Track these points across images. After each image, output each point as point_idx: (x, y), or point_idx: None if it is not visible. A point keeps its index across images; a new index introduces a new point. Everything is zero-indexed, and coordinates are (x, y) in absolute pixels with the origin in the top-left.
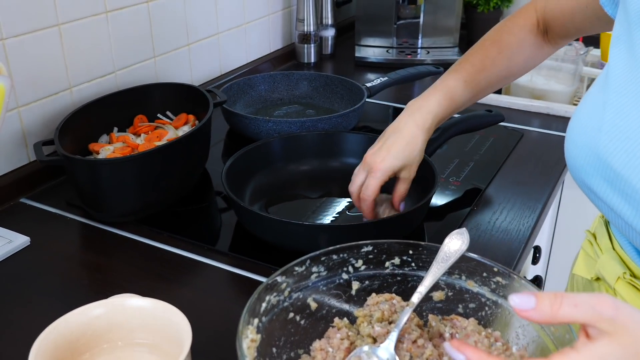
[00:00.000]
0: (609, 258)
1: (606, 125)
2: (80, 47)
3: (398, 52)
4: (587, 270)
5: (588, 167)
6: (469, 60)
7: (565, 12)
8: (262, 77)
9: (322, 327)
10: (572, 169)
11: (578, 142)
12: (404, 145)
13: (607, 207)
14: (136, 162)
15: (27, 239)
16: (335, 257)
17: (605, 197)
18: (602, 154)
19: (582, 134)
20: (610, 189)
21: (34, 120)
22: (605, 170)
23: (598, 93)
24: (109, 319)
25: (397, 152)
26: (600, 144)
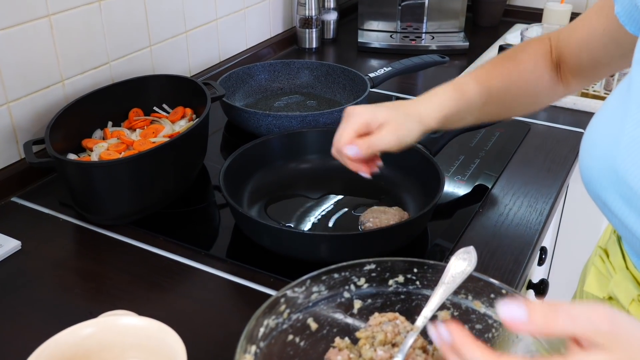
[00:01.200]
0: (622, 278)
1: (625, 139)
2: (73, 38)
3: (402, 38)
4: (600, 289)
5: (604, 181)
6: (481, 67)
7: (579, 41)
8: (262, 66)
9: (322, 347)
10: (587, 181)
11: (594, 154)
12: (392, 106)
13: (621, 224)
14: (130, 164)
15: (18, 243)
16: (336, 276)
17: (620, 213)
18: (619, 169)
19: (599, 146)
20: (625, 206)
21: (25, 115)
22: (621, 186)
23: (618, 104)
24: (100, 339)
25: (382, 107)
26: (618, 158)
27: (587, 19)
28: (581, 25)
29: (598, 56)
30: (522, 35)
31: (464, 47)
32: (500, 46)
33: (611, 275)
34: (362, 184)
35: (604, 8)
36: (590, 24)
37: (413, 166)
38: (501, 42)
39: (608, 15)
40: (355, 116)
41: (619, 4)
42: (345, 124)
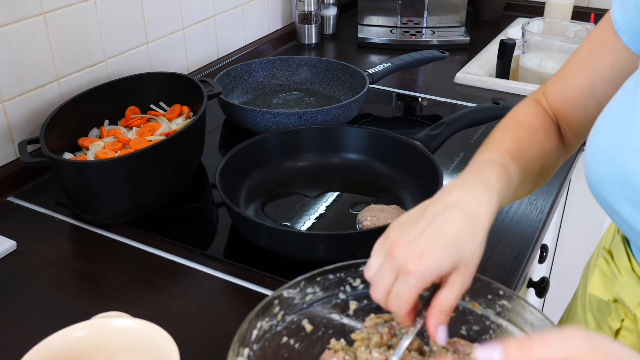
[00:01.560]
0: (629, 280)
1: (634, 143)
2: (68, 35)
3: (402, 33)
4: (605, 291)
5: (611, 185)
6: (500, 140)
7: (582, 89)
8: (260, 62)
9: (317, 349)
10: (593, 185)
11: (601, 157)
12: (458, 231)
13: (629, 229)
14: (125, 163)
15: (14, 244)
16: (331, 277)
17: (629, 218)
18: (628, 174)
19: (606, 149)
20: (635, 211)
21: (21, 114)
22: (631, 191)
23: (625, 104)
24: (93, 341)
25: (447, 244)
26: (627, 163)
27: (582, 64)
28: (578, 72)
29: (607, 97)
30: (523, 30)
31: (464, 42)
32: (501, 41)
33: (616, 277)
34: (360, 181)
35: (605, 44)
36: (590, 66)
37: (411, 163)
38: (502, 37)
39: (613, 51)
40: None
41: (627, 34)
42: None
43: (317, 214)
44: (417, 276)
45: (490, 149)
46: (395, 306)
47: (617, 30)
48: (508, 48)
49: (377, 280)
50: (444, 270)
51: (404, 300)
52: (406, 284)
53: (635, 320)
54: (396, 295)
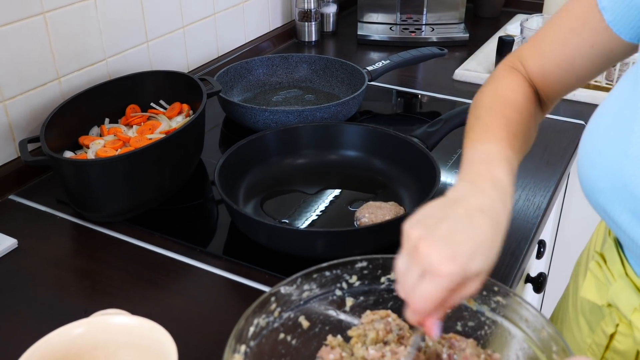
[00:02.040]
0: (623, 285)
1: (634, 150)
2: (68, 34)
3: (402, 30)
4: (598, 296)
5: (609, 193)
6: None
7: (560, 63)
8: (259, 60)
9: (314, 345)
10: (588, 190)
11: (598, 164)
12: (486, 238)
13: (627, 237)
14: (125, 161)
15: (15, 242)
16: (328, 274)
17: (627, 227)
18: (628, 183)
19: (604, 156)
20: (635, 221)
21: (21, 113)
22: (630, 200)
23: (624, 109)
24: (92, 338)
25: (477, 249)
26: (627, 172)
27: (563, 41)
28: (558, 49)
29: (585, 74)
30: (522, 26)
31: (464, 39)
32: (500, 37)
33: (610, 282)
34: (359, 178)
35: (587, 23)
36: (572, 44)
37: (409, 160)
38: (501, 33)
39: (595, 30)
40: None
41: (611, 13)
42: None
43: (316, 211)
44: (449, 278)
45: (488, 138)
46: (421, 306)
47: (601, 9)
48: (507, 44)
49: (404, 279)
50: (471, 274)
51: (430, 300)
52: (434, 284)
53: (630, 325)
54: (422, 295)
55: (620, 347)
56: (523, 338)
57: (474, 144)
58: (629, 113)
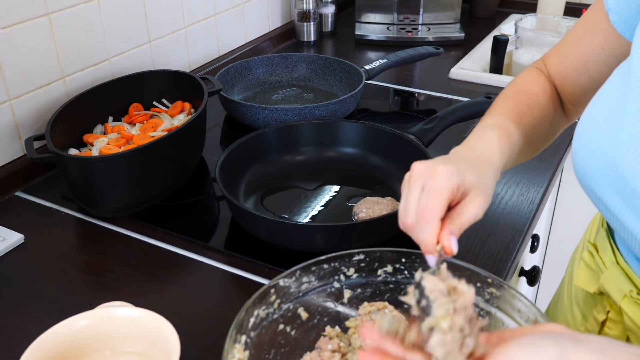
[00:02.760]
0: (614, 273)
1: (624, 135)
2: (72, 35)
3: (399, 30)
4: (590, 284)
5: (600, 177)
6: (501, 107)
7: (575, 66)
8: (259, 60)
9: (313, 336)
10: (581, 176)
11: (590, 148)
12: (474, 158)
13: (617, 221)
14: (128, 158)
15: (21, 237)
16: (326, 266)
17: (616, 211)
18: (618, 167)
19: (596, 140)
20: (623, 203)
21: (27, 112)
22: (619, 183)
23: (615, 94)
24: (96, 329)
25: (465, 161)
26: (617, 155)
27: (577, 42)
28: (572, 50)
29: (599, 76)
30: (516, 26)
31: (459, 38)
32: (495, 37)
33: (601, 270)
34: (356, 174)
35: (598, 25)
36: (584, 45)
37: (406, 157)
38: (496, 33)
39: (605, 31)
40: (442, 181)
41: (615, 13)
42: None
43: (315, 207)
44: (445, 178)
45: (492, 116)
46: (425, 217)
47: (607, 10)
48: (501, 44)
49: (407, 205)
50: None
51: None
52: (432, 191)
53: (620, 312)
54: (424, 207)
55: (611, 333)
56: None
57: (480, 122)
58: (620, 101)
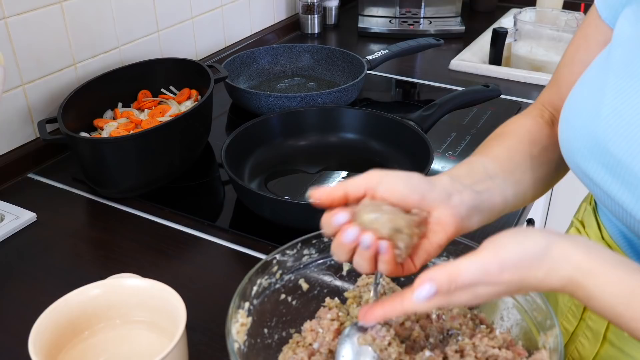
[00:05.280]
0: None
1: (605, 110)
2: (84, 23)
3: (401, 23)
4: None
5: (585, 151)
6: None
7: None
8: (264, 50)
9: (313, 307)
10: (566, 152)
11: (575, 125)
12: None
13: (603, 194)
14: (137, 140)
15: (34, 215)
16: (326, 240)
17: (602, 183)
18: (601, 140)
19: (579, 117)
20: (609, 175)
21: (39, 96)
22: (604, 156)
23: (597, 74)
24: (107, 299)
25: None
26: (599, 129)
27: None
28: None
29: None
30: (515, 19)
31: (460, 31)
32: (494, 29)
33: None
34: (357, 159)
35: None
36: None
37: (405, 142)
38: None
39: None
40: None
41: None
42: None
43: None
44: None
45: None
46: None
47: (598, 9)
48: (500, 36)
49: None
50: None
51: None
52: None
53: None
54: None
55: None
56: (512, 303)
57: None
58: (601, 79)
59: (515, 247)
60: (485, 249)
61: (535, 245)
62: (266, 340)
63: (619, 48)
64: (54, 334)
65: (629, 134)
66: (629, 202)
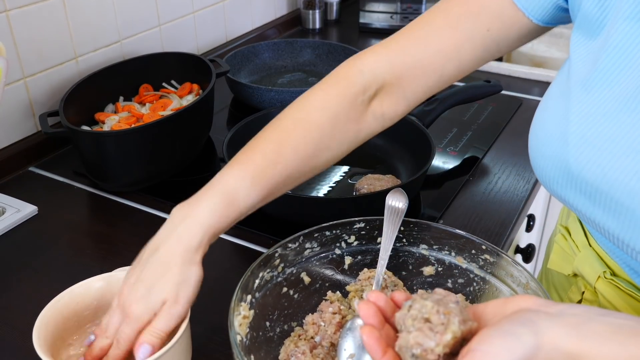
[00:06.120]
0: (586, 255)
1: (572, 137)
2: (85, 16)
3: (402, 18)
4: (564, 266)
5: (560, 180)
6: (261, 148)
7: (445, 51)
8: (266, 45)
9: (315, 300)
10: (543, 180)
11: (545, 153)
12: (159, 277)
13: (587, 219)
14: (139, 134)
15: (35, 208)
16: (328, 233)
17: (584, 210)
18: (574, 169)
19: (548, 145)
20: (589, 202)
21: (41, 90)
22: (580, 184)
23: (559, 98)
24: (111, 292)
25: (154, 289)
26: (571, 158)
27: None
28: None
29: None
30: None
31: None
32: None
33: (575, 253)
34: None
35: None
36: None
37: (407, 137)
38: None
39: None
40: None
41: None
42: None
43: (318, 184)
44: (135, 319)
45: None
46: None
47: None
48: None
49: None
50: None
51: (124, 339)
52: (127, 325)
53: (595, 292)
54: (120, 334)
55: None
56: (509, 293)
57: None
58: (564, 103)
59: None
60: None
61: (526, 349)
62: (268, 333)
63: (577, 73)
64: (58, 326)
65: (602, 161)
66: (615, 228)
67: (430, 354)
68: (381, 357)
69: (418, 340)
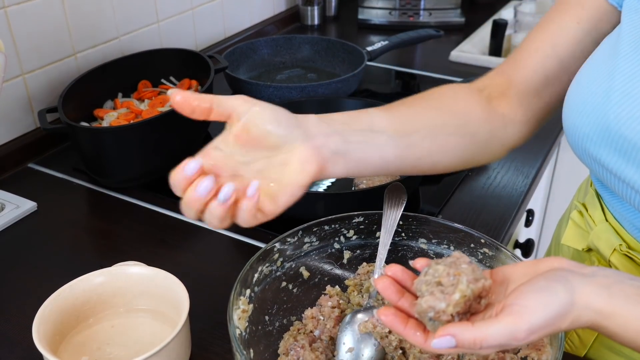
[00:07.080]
0: (603, 229)
1: (616, 94)
2: (83, 13)
3: (401, 14)
4: (578, 242)
5: (595, 137)
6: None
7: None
8: (264, 41)
9: (314, 294)
10: (574, 139)
11: (583, 110)
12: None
13: (616, 179)
14: (138, 130)
15: (34, 205)
16: (327, 228)
17: (616, 168)
18: (613, 124)
19: (588, 102)
20: (622, 159)
21: (40, 86)
22: (617, 140)
23: (605, 59)
24: (111, 286)
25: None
26: (611, 113)
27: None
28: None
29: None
30: (515, 10)
31: (459, 23)
32: (494, 20)
33: (591, 227)
34: None
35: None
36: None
37: None
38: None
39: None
40: None
41: None
42: None
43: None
44: None
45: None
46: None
47: None
48: (500, 27)
49: None
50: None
51: None
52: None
53: (609, 266)
54: None
55: None
56: None
57: None
58: (610, 64)
59: (543, 310)
60: (513, 314)
61: (561, 305)
62: (267, 327)
63: (629, 35)
64: (58, 321)
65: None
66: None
67: (443, 315)
68: (404, 329)
69: (430, 304)
